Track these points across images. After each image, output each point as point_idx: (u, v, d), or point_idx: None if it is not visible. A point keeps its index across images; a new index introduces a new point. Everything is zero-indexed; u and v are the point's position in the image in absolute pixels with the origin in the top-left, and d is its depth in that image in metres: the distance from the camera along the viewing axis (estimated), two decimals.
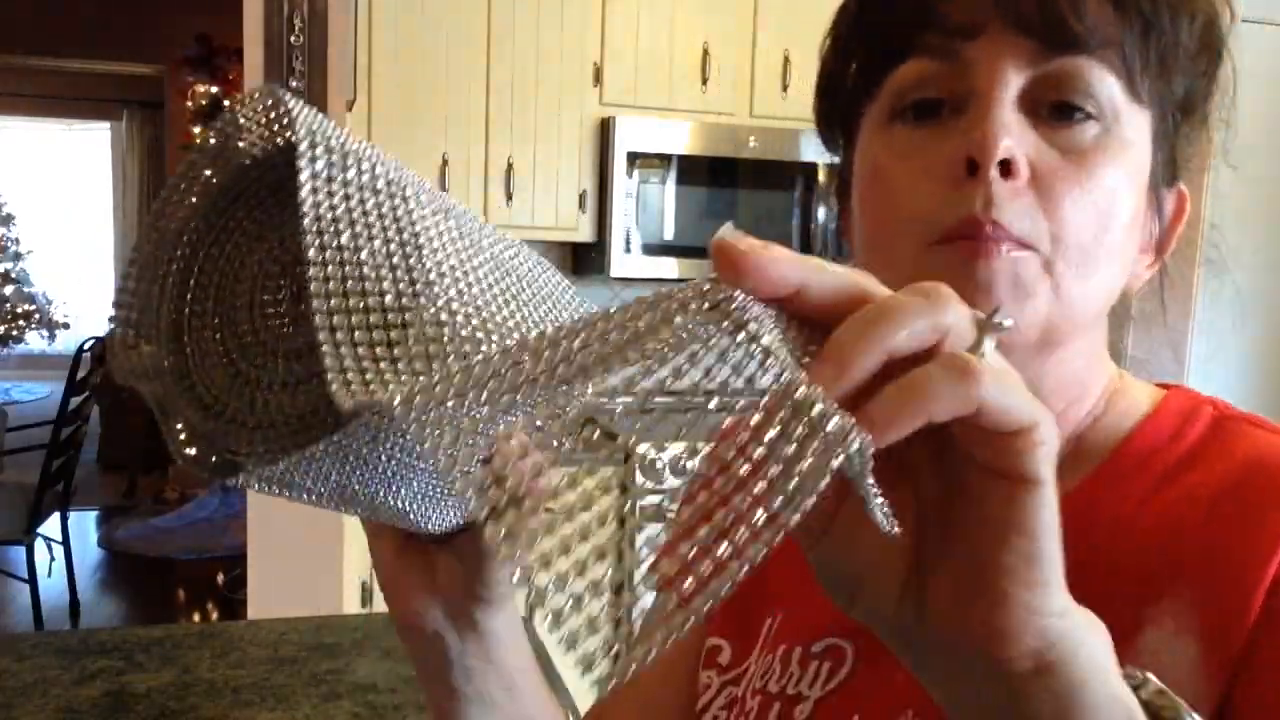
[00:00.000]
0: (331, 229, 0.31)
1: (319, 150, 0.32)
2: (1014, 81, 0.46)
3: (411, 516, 0.40)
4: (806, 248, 2.89)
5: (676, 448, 0.33)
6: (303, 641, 1.35)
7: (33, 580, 3.52)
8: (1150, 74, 0.47)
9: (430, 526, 0.42)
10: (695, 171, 2.78)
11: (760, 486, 0.26)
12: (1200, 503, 0.47)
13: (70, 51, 5.76)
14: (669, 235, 2.75)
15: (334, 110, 2.12)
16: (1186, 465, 0.49)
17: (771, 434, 0.26)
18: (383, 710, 1.18)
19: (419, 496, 0.38)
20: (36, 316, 8.45)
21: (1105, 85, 0.46)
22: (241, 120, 0.35)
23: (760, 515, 0.26)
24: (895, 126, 0.49)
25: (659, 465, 2.49)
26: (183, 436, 0.34)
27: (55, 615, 3.78)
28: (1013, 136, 0.45)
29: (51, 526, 3.84)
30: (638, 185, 2.70)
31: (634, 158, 2.68)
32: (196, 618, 3.99)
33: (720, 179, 2.81)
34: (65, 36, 5.65)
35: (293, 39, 2.07)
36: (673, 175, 2.73)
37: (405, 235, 0.33)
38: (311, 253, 0.30)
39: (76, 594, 3.90)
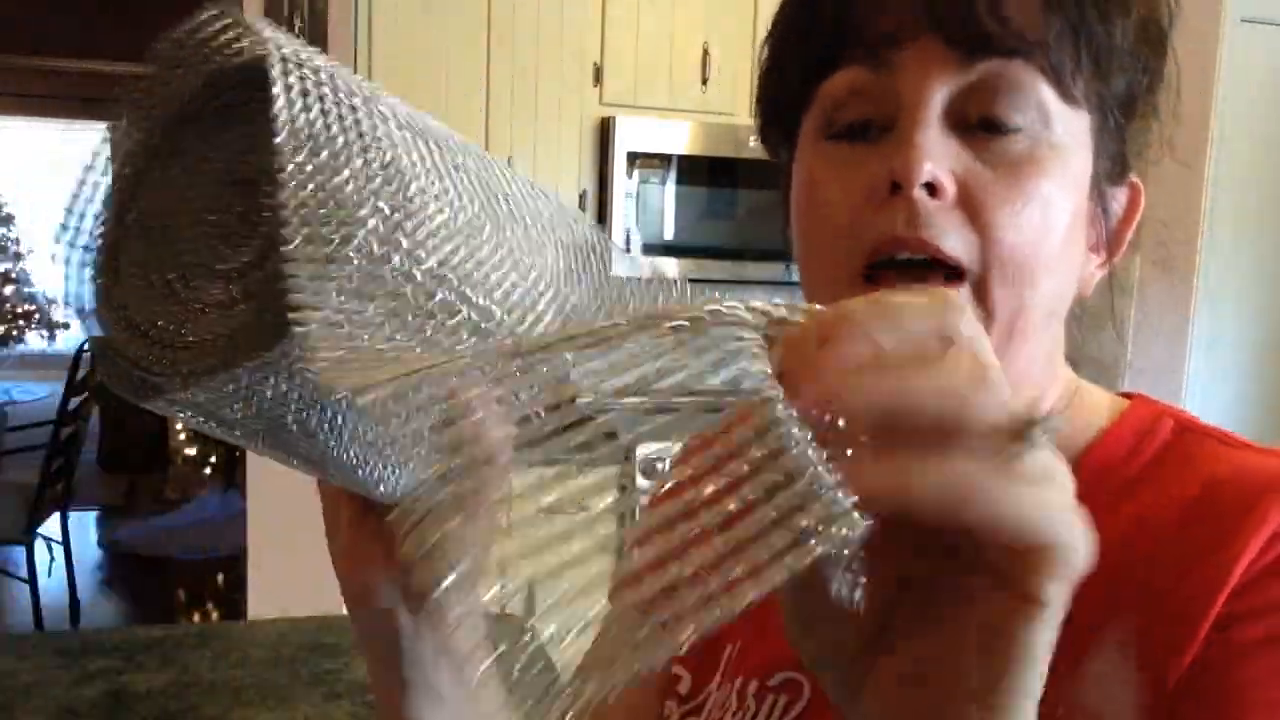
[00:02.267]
0: (308, 145, 0.29)
1: (290, 64, 0.31)
2: (940, 94, 0.45)
3: (360, 474, 0.37)
4: None
5: (677, 448, 0.32)
6: (303, 641, 1.35)
7: (33, 580, 3.52)
8: (1084, 75, 0.46)
9: (384, 490, 0.39)
10: (695, 171, 2.78)
11: (747, 533, 0.23)
12: (1151, 527, 0.46)
13: (70, 51, 5.76)
14: (669, 235, 2.75)
15: None
16: (1141, 482, 0.48)
17: (753, 488, 0.23)
18: None
19: (370, 450, 0.35)
20: (36, 316, 8.45)
21: (1035, 91, 0.45)
22: (194, 40, 0.33)
23: (744, 568, 0.23)
24: (826, 142, 0.49)
25: (659, 466, 2.49)
26: (106, 358, 0.32)
27: (55, 615, 3.78)
28: (936, 157, 0.44)
29: (51, 526, 3.84)
30: (638, 185, 2.70)
31: (634, 158, 2.69)
32: (196, 618, 3.99)
33: (720, 179, 2.81)
34: (65, 36, 5.64)
35: None
36: (673, 175, 2.73)
37: (387, 157, 0.32)
38: (288, 170, 0.28)
39: (76, 594, 3.90)
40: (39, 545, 3.62)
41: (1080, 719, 0.42)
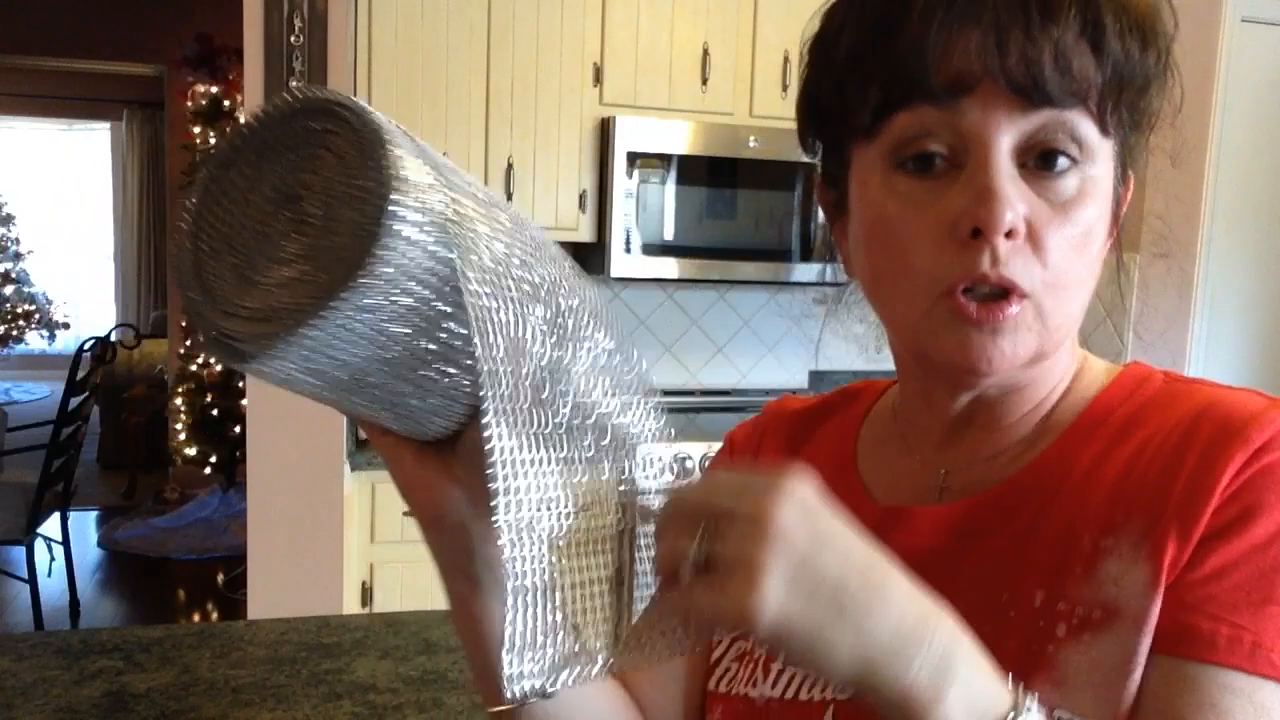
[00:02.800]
0: (489, 321, 0.41)
1: (472, 260, 0.40)
2: (1007, 138, 0.50)
3: (423, 417, 0.47)
4: (806, 247, 2.89)
5: (676, 447, 0.37)
6: (303, 641, 1.35)
7: (33, 580, 3.52)
8: (1119, 110, 0.52)
9: (438, 426, 0.48)
10: (695, 171, 2.78)
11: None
12: (1150, 448, 0.53)
13: (70, 51, 5.76)
14: (669, 235, 2.75)
15: None
16: (1139, 421, 0.56)
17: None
18: (383, 710, 1.18)
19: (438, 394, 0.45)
20: (36, 316, 8.45)
21: (1082, 131, 0.51)
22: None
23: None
24: (897, 175, 0.53)
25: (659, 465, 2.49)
26: (209, 340, 0.41)
27: (55, 615, 3.78)
28: (1013, 204, 0.50)
29: (51, 526, 3.84)
30: (638, 185, 2.70)
31: (634, 158, 2.68)
32: (196, 618, 3.99)
33: (720, 179, 2.81)
34: (65, 36, 5.64)
35: (293, 39, 2.07)
36: (673, 175, 2.73)
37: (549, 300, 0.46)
38: (480, 346, 0.40)
39: (76, 594, 3.90)
40: (39, 545, 3.62)
41: (1098, 612, 0.50)
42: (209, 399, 4.65)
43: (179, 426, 4.80)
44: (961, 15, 0.49)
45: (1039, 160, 0.51)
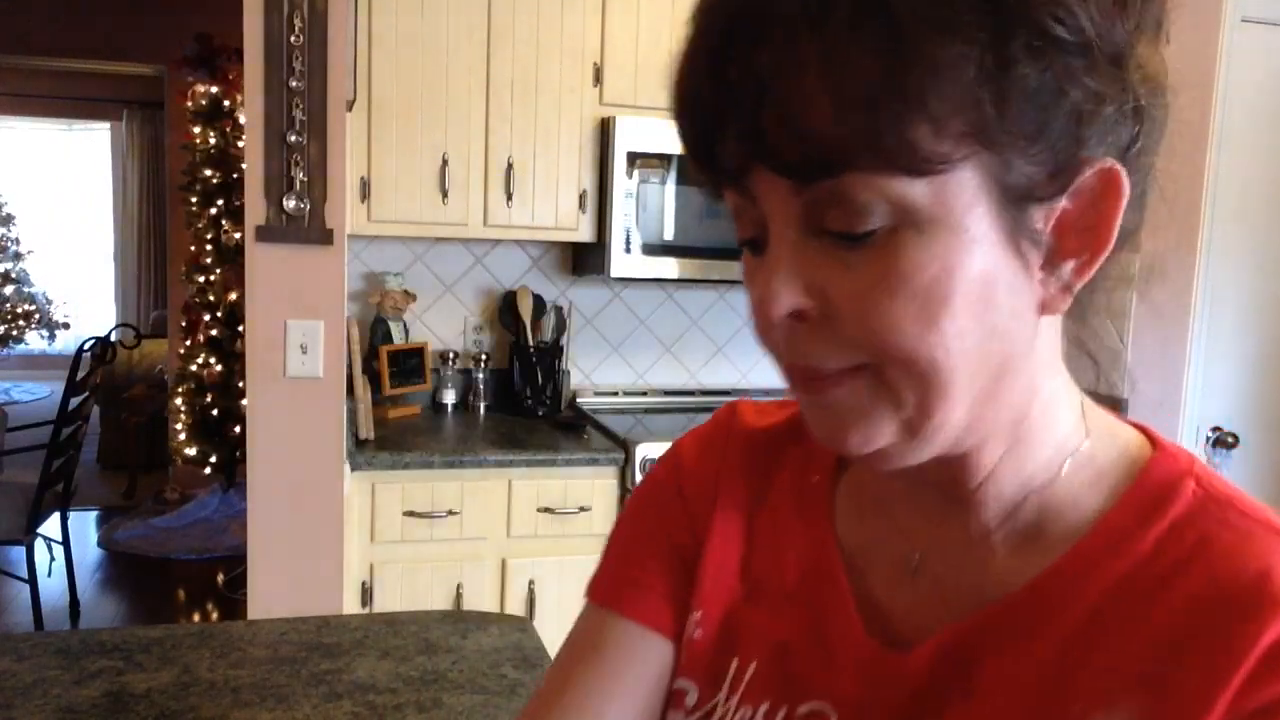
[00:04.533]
0: None
1: None
2: (789, 215, 0.45)
3: None
4: None
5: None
6: (303, 641, 1.35)
7: (33, 580, 3.52)
8: (928, 136, 0.41)
9: None
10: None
11: None
12: (1157, 617, 0.46)
13: (70, 51, 5.75)
14: (669, 235, 2.75)
15: (334, 110, 2.12)
16: (1153, 558, 0.47)
17: None
18: (383, 710, 1.18)
19: None
20: (36, 316, 8.44)
21: (879, 190, 0.42)
22: None
23: None
24: (744, 249, 0.50)
25: None
26: None
27: (55, 615, 3.78)
28: (790, 287, 0.45)
29: (51, 526, 3.84)
30: (638, 185, 2.70)
31: (634, 158, 2.68)
32: (196, 618, 3.99)
33: None
34: (65, 36, 5.64)
35: (293, 39, 2.07)
36: (673, 175, 2.73)
37: None
38: None
39: (76, 594, 3.90)
40: (39, 545, 3.62)
41: None
42: (209, 399, 4.65)
43: (179, 426, 4.80)
44: (718, 111, 0.45)
45: (836, 235, 0.44)
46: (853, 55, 0.41)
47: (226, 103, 4.71)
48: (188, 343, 4.84)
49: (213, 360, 4.66)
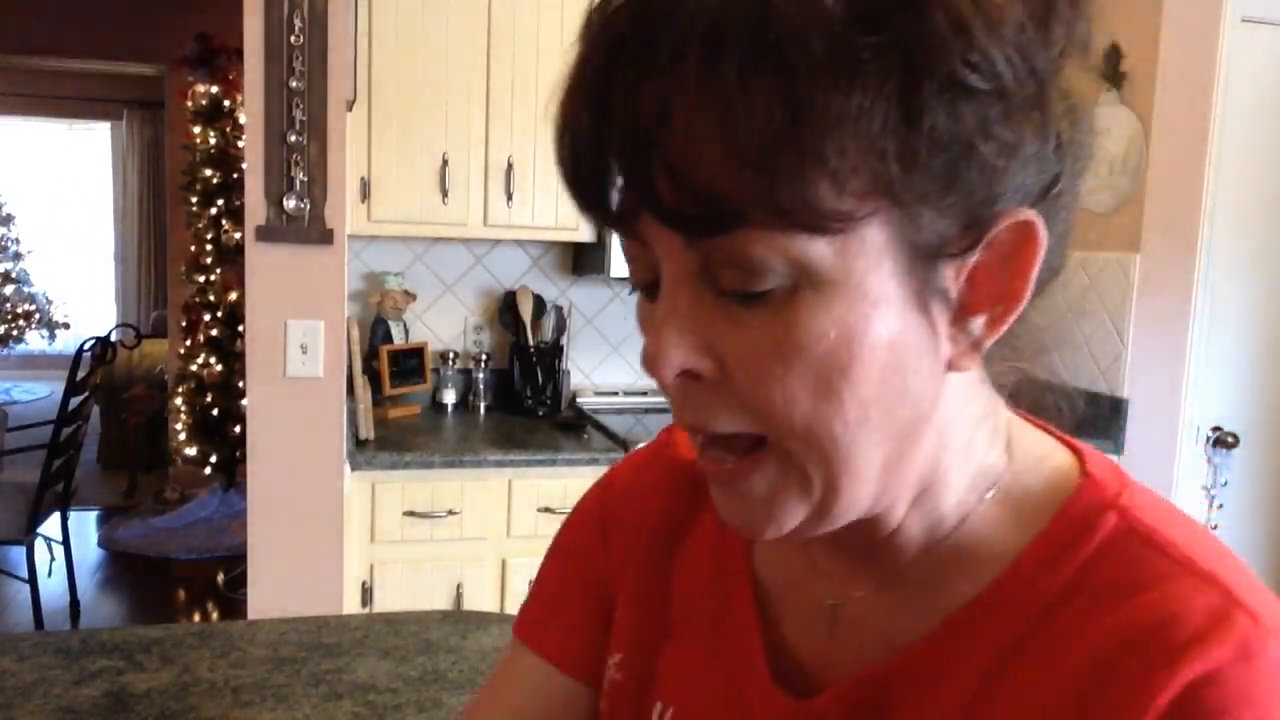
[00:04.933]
0: None
1: None
2: (681, 267, 0.42)
3: None
4: None
5: None
6: (303, 641, 1.35)
7: (33, 580, 3.52)
8: (825, 194, 0.38)
9: None
10: None
11: None
12: (1065, 662, 0.43)
13: (70, 51, 5.75)
14: None
15: (334, 110, 2.12)
16: (1062, 599, 0.45)
17: None
18: (383, 710, 1.18)
19: None
20: (36, 316, 8.45)
21: (773, 248, 0.39)
22: None
23: None
24: (638, 292, 0.47)
25: None
26: None
27: (55, 615, 3.78)
28: (679, 344, 0.42)
29: (51, 526, 3.84)
30: None
31: None
32: (196, 618, 3.99)
33: None
34: (65, 36, 5.64)
35: (293, 39, 2.07)
36: None
37: None
38: None
39: (76, 594, 3.90)
40: (39, 545, 3.62)
41: None
42: (209, 399, 4.65)
43: (179, 426, 4.80)
44: (603, 158, 0.41)
45: (727, 293, 0.41)
46: (746, 102, 0.37)
47: (226, 103, 4.71)
48: (188, 343, 4.84)
49: (213, 360, 4.66)
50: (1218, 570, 0.43)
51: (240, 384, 4.36)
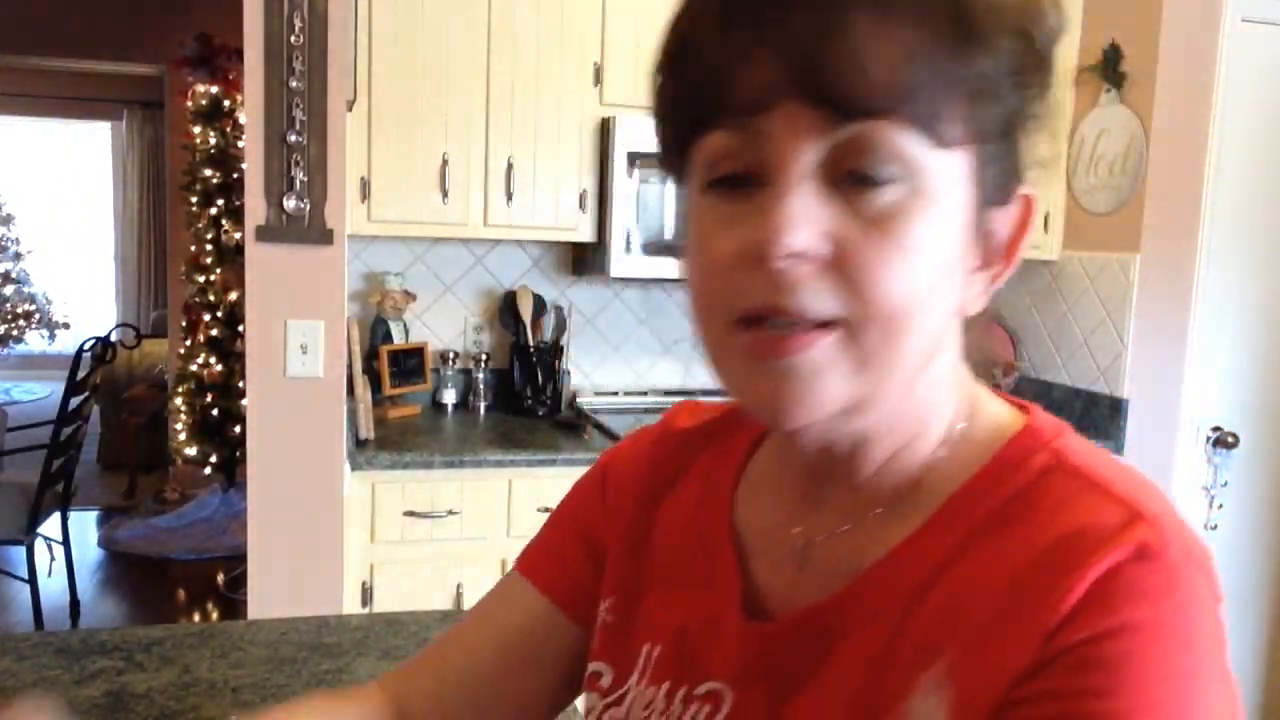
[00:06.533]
0: None
1: None
2: (808, 156, 0.45)
3: None
4: None
5: None
6: (303, 641, 1.35)
7: (33, 580, 3.52)
8: (956, 115, 0.46)
9: None
10: None
11: None
12: (982, 581, 0.48)
13: (70, 51, 5.75)
14: (669, 235, 2.75)
15: (334, 110, 2.12)
16: (992, 526, 0.49)
17: None
18: None
19: None
20: (36, 316, 8.45)
21: (904, 145, 0.45)
22: None
23: None
24: (709, 195, 0.49)
25: None
26: None
27: (55, 615, 3.78)
28: (804, 223, 0.45)
29: (51, 526, 3.84)
30: (638, 185, 2.70)
31: (634, 158, 2.68)
32: (196, 618, 3.99)
33: None
34: (65, 36, 5.64)
35: (293, 39, 2.07)
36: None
37: None
38: None
39: (76, 594, 3.90)
40: (39, 545, 3.62)
41: None
42: (209, 399, 4.65)
43: (179, 426, 4.80)
44: (750, 33, 0.45)
45: (851, 179, 0.45)
46: (927, 8, 0.44)
47: (226, 103, 4.71)
48: (188, 343, 4.84)
49: (213, 360, 4.66)
50: (1133, 494, 0.48)
51: (240, 384, 4.36)
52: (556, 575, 0.71)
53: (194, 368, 4.71)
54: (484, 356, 3.00)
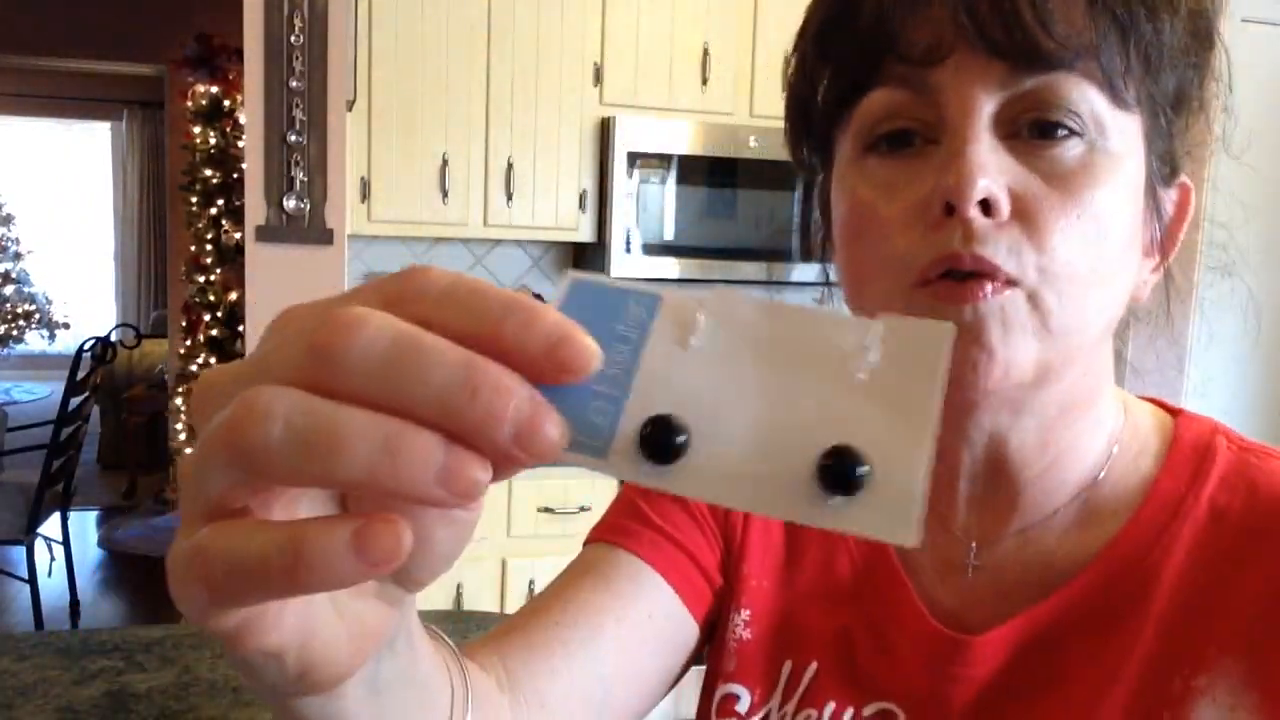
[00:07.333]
0: None
1: None
2: (986, 107, 0.44)
3: None
4: (806, 247, 2.89)
5: None
6: None
7: (33, 580, 3.52)
8: (1134, 77, 0.45)
9: None
10: (695, 171, 2.78)
11: None
12: (1248, 578, 0.46)
13: (70, 51, 5.75)
14: (669, 235, 2.75)
15: (334, 110, 2.12)
16: (1219, 514, 0.48)
17: None
18: None
19: None
20: (36, 316, 8.45)
21: (1086, 99, 0.44)
22: None
23: None
24: (869, 159, 0.48)
25: None
26: None
27: (55, 615, 3.78)
28: (989, 173, 0.43)
29: (51, 526, 3.84)
30: (638, 185, 2.70)
31: (634, 158, 2.68)
32: None
33: (720, 179, 2.81)
34: (65, 36, 5.64)
35: (293, 39, 2.07)
36: (673, 175, 2.73)
37: None
38: None
39: (76, 594, 3.90)
40: (39, 545, 3.62)
41: None
42: None
43: (179, 426, 4.80)
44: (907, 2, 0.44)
45: (1032, 129, 0.44)
46: None
47: (226, 103, 4.71)
48: (188, 343, 4.84)
49: (213, 360, 4.66)
50: None
51: None
52: (670, 555, 0.60)
53: (194, 368, 4.70)
54: None
